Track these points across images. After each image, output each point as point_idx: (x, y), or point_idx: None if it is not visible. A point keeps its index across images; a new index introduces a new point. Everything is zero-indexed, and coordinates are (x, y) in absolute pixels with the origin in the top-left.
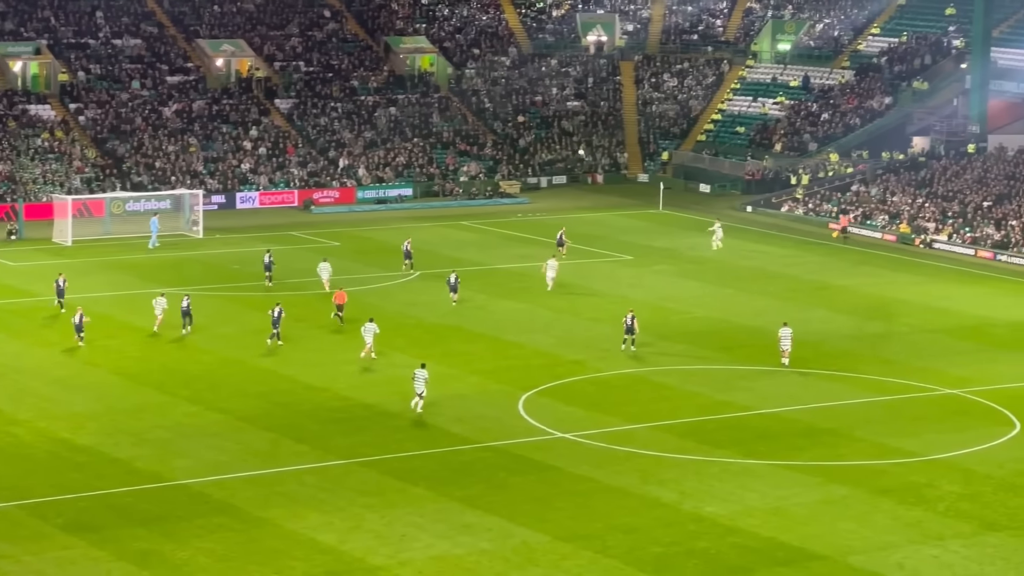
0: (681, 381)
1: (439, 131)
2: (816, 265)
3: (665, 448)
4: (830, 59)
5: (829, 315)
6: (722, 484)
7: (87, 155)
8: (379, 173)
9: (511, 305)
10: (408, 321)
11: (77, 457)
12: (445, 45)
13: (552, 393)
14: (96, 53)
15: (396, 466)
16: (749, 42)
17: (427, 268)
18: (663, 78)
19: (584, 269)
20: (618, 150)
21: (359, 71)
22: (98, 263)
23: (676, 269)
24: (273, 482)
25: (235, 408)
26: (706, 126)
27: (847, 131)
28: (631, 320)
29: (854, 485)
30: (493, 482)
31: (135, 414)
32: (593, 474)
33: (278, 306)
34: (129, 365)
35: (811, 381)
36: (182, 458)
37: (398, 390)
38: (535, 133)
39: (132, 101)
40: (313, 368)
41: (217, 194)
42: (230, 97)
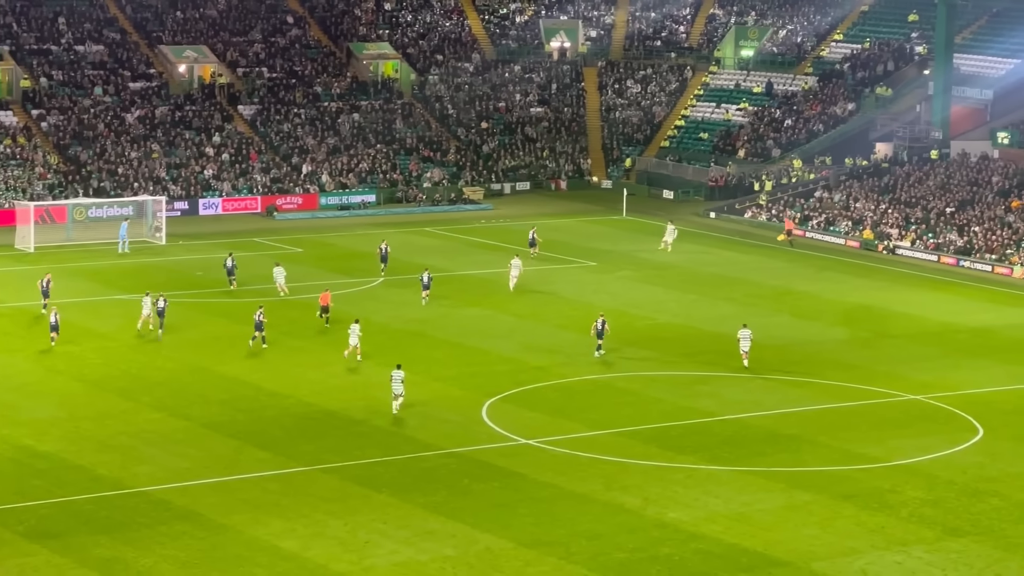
0: (645, 387)
1: (402, 137)
2: (779, 271)
3: (629, 454)
4: (793, 65)
5: (792, 321)
6: (686, 490)
7: (49, 161)
8: (342, 179)
9: (475, 311)
10: (371, 327)
11: (39, 464)
12: (408, 51)
13: (516, 399)
14: (58, 59)
15: (359, 472)
16: (712, 48)
17: (391, 275)
18: (626, 84)
19: (548, 275)
20: (582, 156)
21: (322, 77)
22: (61, 269)
23: (640, 275)
24: (236, 489)
25: (198, 415)
26: (669, 132)
27: (810, 137)
28: (601, 324)
29: (817, 491)
30: (457, 488)
31: (98, 421)
32: (557, 480)
33: (261, 308)
34: (92, 372)
35: (774, 387)
36: (145, 465)
37: (361, 396)
38: (499, 139)
39: (95, 107)
40: (276, 375)
41: (180, 200)
42: (193, 103)
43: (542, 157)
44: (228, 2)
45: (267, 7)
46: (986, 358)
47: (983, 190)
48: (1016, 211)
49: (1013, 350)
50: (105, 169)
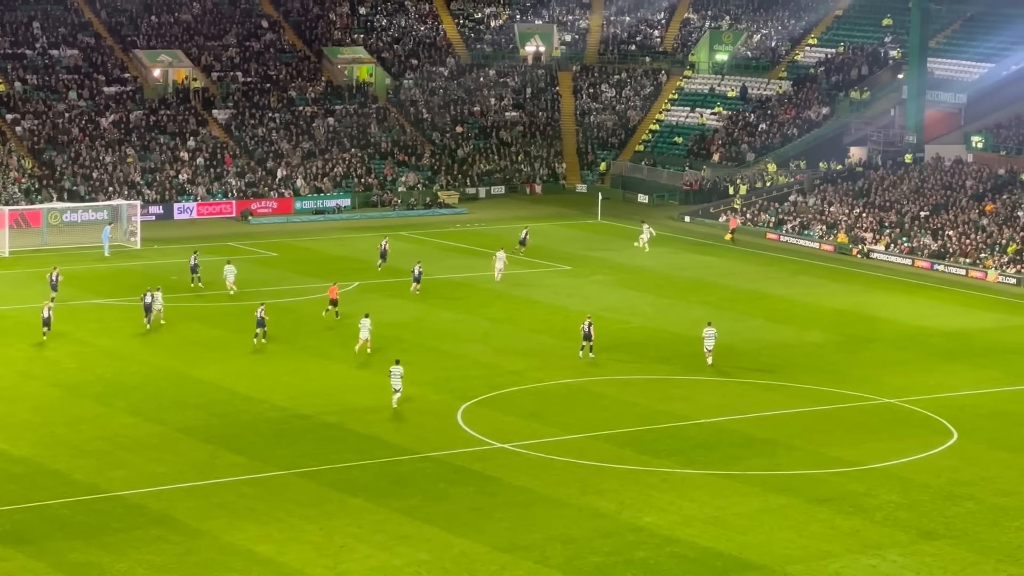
0: (620, 391)
1: (377, 141)
2: (754, 275)
3: (604, 458)
4: (767, 70)
5: (767, 325)
6: (661, 494)
7: (24, 165)
8: (317, 184)
9: (449, 316)
10: (347, 332)
11: (14, 468)
12: (383, 55)
13: (491, 403)
14: (33, 63)
15: (334, 477)
16: (687, 53)
17: (365, 279)
18: (601, 88)
19: (523, 279)
20: (556, 160)
21: (297, 81)
22: (35, 274)
23: (614, 279)
24: (211, 493)
25: (173, 419)
26: (644, 136)
27: (785, 141)
28: (588, 327)
29: (792, 494)
30: (432, 493)
31: (73, 425)
32: (532, 484)
33: (262, 305)
34: (66, 376)
35: (749, 390)
36: (120, 469)
37: (336, 401)
38: (473, 143)
39: (69, 112)
40: (251, 379)
41: (155, 205)
42: (167, 107)
43: (517, 161)
44: (203, 6)
45: (241, 12)
46: (960, 362)
47: (957, 194)
48: (990, 215)
49: (987, 354)
50: (80, 173)
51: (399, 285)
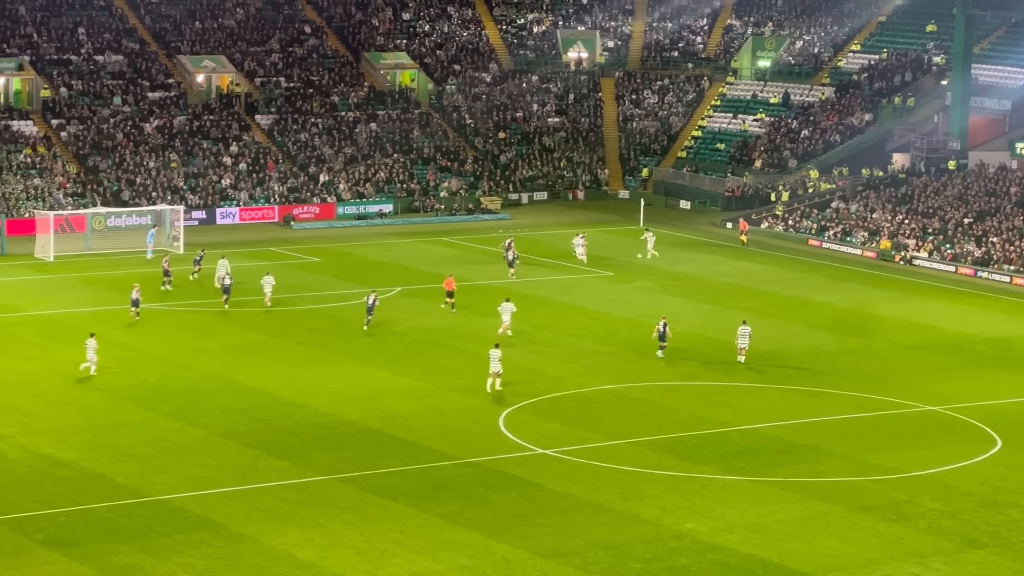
0: (661, 397)
1: (420, 147)
2: (796, 281)
3: (646, 464)
4: (810, 76)
5: (809, 331)
6: (702, 500)
7: (69, 170)
8: (359, 189)
9: (492, 322)
10: (389, 338)
11: (59, 472)
12: (426, 61)
13: (533, 409)
14: (78, 69)
15: (376, 482)
16: (729, 59)
17: (408, 283)
18: (644, 95)
19: (565, 285)
20: (599, 166)
21: (339, 87)
22: (79, 278)
23: (656, 285)
24: (253, 498)
25: (216, 424)
26: (686, 143)
27: (827, 148)
28: (663, 327)
29: (834, 502)
30: (474, 498)
31: (117, 429)
32: (574, 490)
33: (373, 293)
34: (111, 381)
35: (791, 397)
36: (163, 473)
37: (378, 406)
38: (516, 149)
39: (113, 117)
40: (293, 385)
41: (197, 210)
42: (211, 113)
43: (559, 167)
44: (246, 12)
45: (284, 17)
46: (1004, 369)
47: (1001, 201)
48: None
49: None
50: (124, 178)
51: (441, 291)
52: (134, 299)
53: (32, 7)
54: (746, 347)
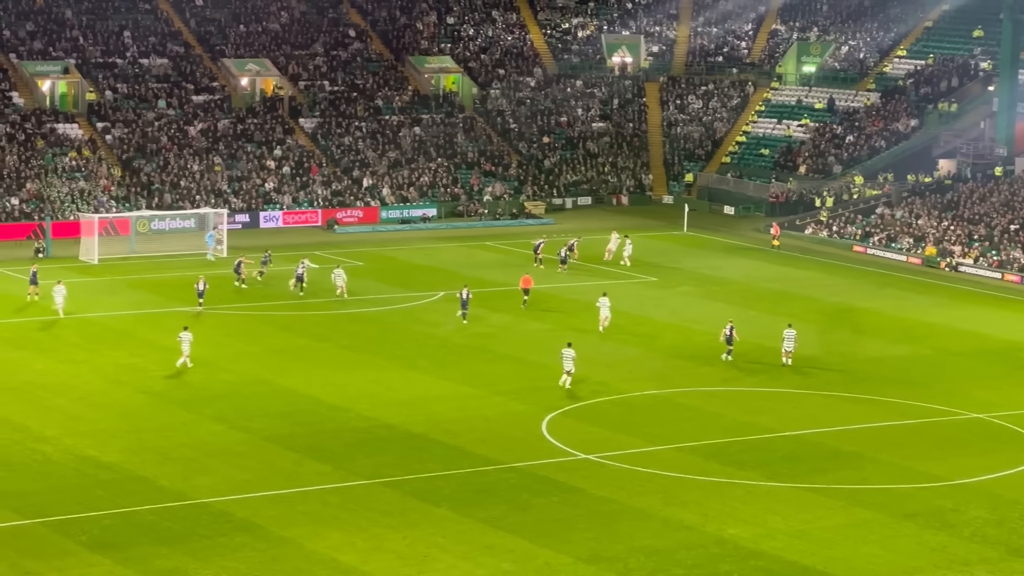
0: (705, 402)
1: (464, 151)
2: (841, 287)
3: (688, 470)
4: (855, 81)
5: (853, 337)
6: (745, 506)
7: (113, 174)
8: (403, 193)
9: (535, 326)
10: (433, 342)
11: (102, 474)
12: (470, 65)
13: (576, 414)
14: (123, 72)
15: (419, 487)
16: (774, 64)
17: (451, 289)
18: (688, 100)
19: (608, 290)
20: (643, 171)
21: (383, 91)
22: (123, 281)
23: (700, 290)
24: (295, 501)
25: (259, 427)
26: (731, 148)
27: (872, 153)
28: (730, 331)
29: (879, 509)
30: (516, 503)
31: (160, 432)
32: (616, 495)
33: (465, 287)
34: (154, 383)
35: (835, 403)
36: (206, 476)
37: (421, 411)
38: (560, 154)
39: (158, 120)
40: (336, 388)
41: (241, 213)
42: (255, 116)
43: (603, 172)
44: (290, 16)
45: (329, 21)
46: None
47: None
48: None
49: None
50: (168, 182)
51: (485, 296)
52: (200, 290)
53: (78, 10)
54: (792, 350)
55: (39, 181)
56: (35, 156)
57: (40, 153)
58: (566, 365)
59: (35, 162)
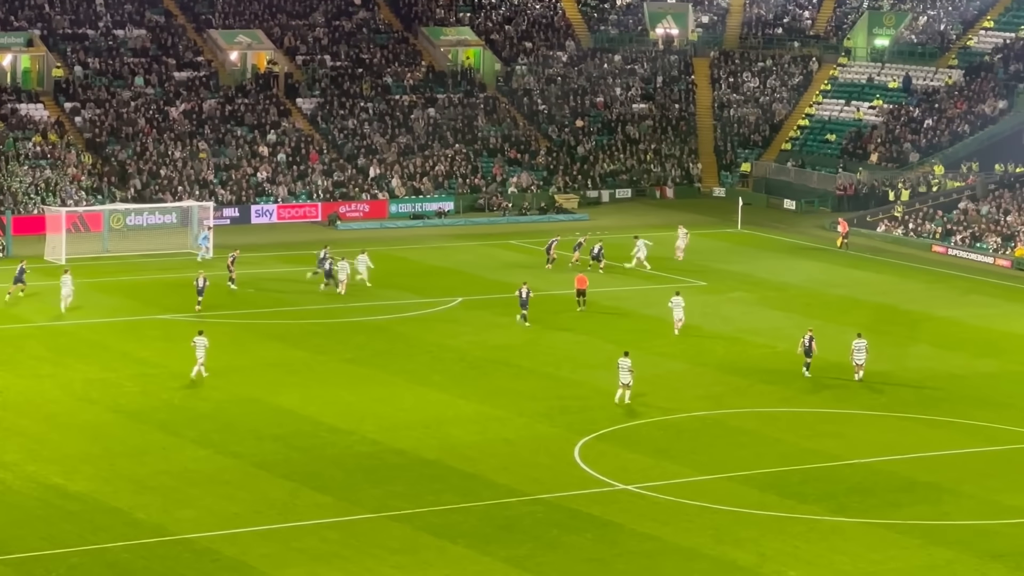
0: (762, 425)
1: (485, 136)
2: (917, 293)
3: (743, 503)
4: (935, 57)
5: (932, 351)
6: (808, 545)
7: (84, 161)
8: (415, 184)
9: (567, 337)
10: (449, 355)
11: (70, 505)
12: (492, 37)
13: (613, 438)
14: (95, 45)
15: (432, 521)
16: (842, 37)
17: (470, 294)
18: (743, 77)
19: (651, 296)
20: (691, 160)
21: (393, 67)
22: (95, 285)
23: (756, 296)
24: (291, 537)
25: (249, 453)
26: (791, 133)
27: (954, 140)
28: (809, 341)
29: (961, 548)
30: (544, 540)
31: (136, 457)
32: (660, 532)
33: (525, 286)
34: (129, 401)
35: (911, 427)
36: (188, 509)
37: (434, 434)
38: (596, 140)
39: (135, 100)
40: (338, 408)
41: (230, 207)
42: (245, 96)
43: (645, 161)
44: None
45: None
46: None
47: None
48: None
49: None
50: (146, 170)
51: (507, 302)
52: (200, 287)
53: None
54: (863, 363)
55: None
56: None
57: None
58: (623, 378)
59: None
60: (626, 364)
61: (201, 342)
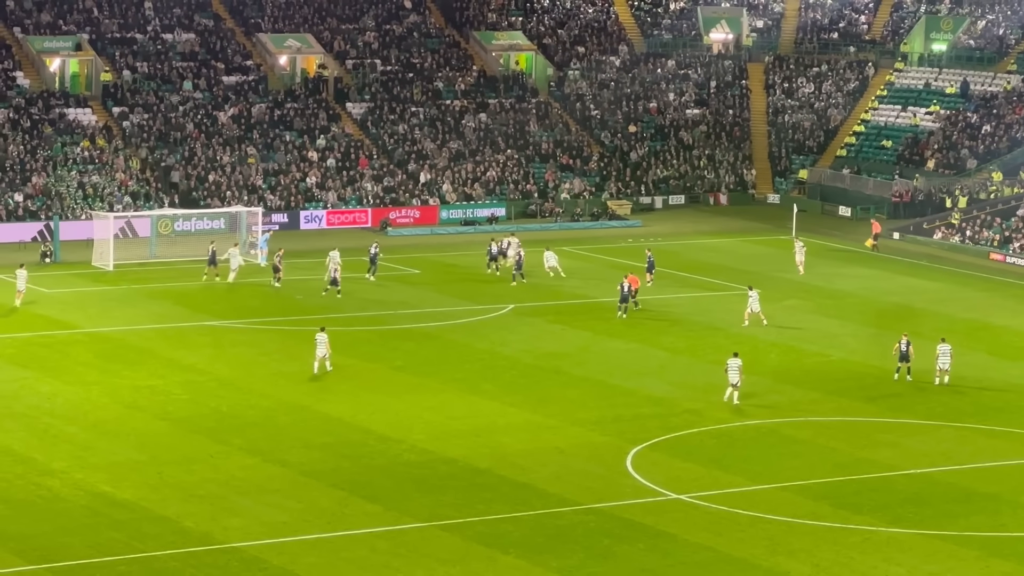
0: (816, 435)
1: (537, 142)
2: (975, 301)
3: (797, 513)
4: (994, 62)
5: (990, 360)
6: (863, 556)
7: (132, 166)
8: (467, 190)
9: (619, 344)
10: (500, 362)
11: (117, 514)
12: (545, 42)
13: (666, 447)
14: (144, 49)
15: (483, 530)
16: (898, 41)
17: (520, 301)
18: (798, 83)
19: (704, 303)
20: (745, 166)
21: (444, 71)
22: (142, 291)
23: (810, 305)
24: (340, 547)
25: (297, 461)
26: (847, 139)
27: (1013, 146)
28: (906, 345)
29: (1019, 560)
30: (596, 550)
31: (184, 465)
32: (713, 542)
33: (626, 279)
34: (177, 409)
35: (969, 437)
36: (236, 517)
37: (485, 442)
38: (649, 145)
39: (183, 104)
40: (388, 416)
41: (278, 212)
42: (295, 100)
43: (699, 167)
44: None
45: None
46: None
47: None
48: None
49: None
50: (194, 176)
51: (559, 309)
52: (276, 265)
53: None
54: (948, 367)
55: (46, 174)
56: (42, 146)
57: (48, 142)
58: (731, 378)
59: (42, 153)
60: (735, 364)
61: (322, 339)
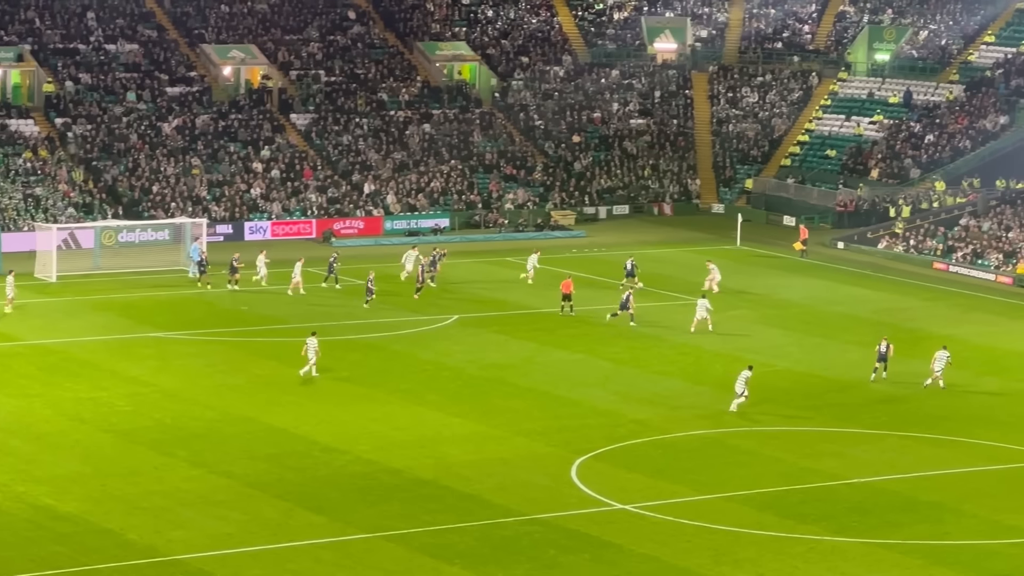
0: (761, 444)
1: (481, 152)
2: (918, 311)
3: (742, 523)
4: (936, 72)
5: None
6: (808, 565)
7: (75, 177)
8: (411, 200)
9: (564, 355)
10: (444, 373)
11: (60, 527)
12: (488, 52)
13: (611, 457)
14: (87, 60)
15: (428, 541)
16: (842, 51)
17: (465, 312)
18: (742, 92)
19: (649, 314)
20: (689, 176)
21: (388, 82)
22: (86, 302)
23: (755, 315)
24: (284, 558)
25: (242, 472)
26: (791, 149)
27: (955, 156)
28: (886, 347)
29: (962, 568)
30: (541, 561)
31: (127, 478)
32: (658, 552)
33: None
34: (121, 421)
35: (912, 446)
36: (180, 529)
37: (430, 453)
38: (593, 155)
39: (127, 116)
40: (332, 427)
41: (223, 223)
42: (239, 111)
43: (643, 177)
44: None
45: (325, 1)
46: None
47: None
48: None
49: None
50: (138, 187)
51: (503, 320)
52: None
53: None
54: (940, 372)
55: None
56: None
57: None
58: (738, 387)
59: None
60: (745, 375)
61: (312, 344)
